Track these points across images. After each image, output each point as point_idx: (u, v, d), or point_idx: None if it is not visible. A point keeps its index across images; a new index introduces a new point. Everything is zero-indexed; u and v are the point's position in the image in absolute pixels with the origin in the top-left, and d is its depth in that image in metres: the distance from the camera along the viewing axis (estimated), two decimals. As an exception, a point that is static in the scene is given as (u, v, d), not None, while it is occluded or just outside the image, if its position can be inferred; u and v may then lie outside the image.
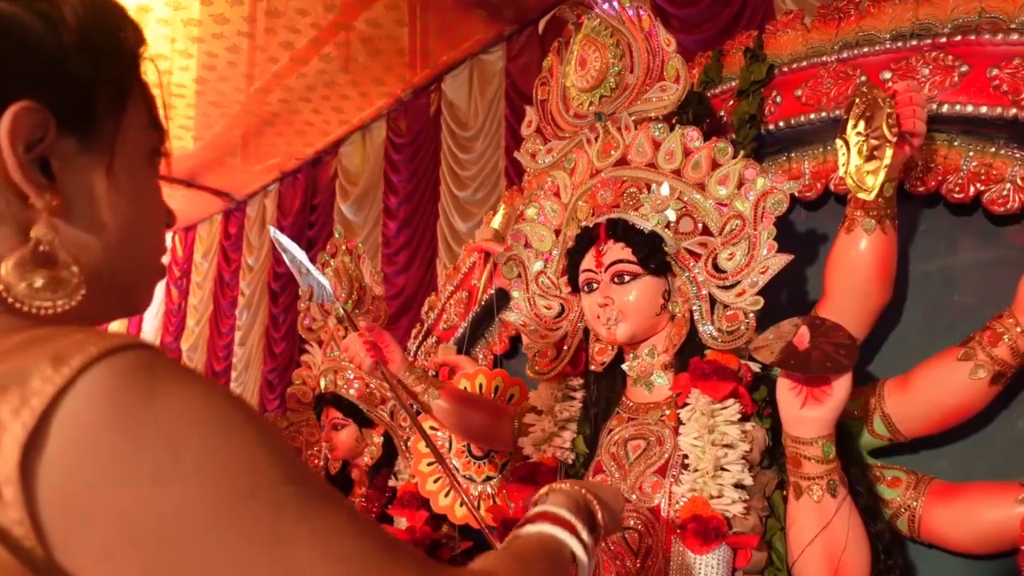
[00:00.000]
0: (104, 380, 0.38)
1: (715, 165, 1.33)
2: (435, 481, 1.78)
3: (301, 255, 1.75)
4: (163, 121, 0.59)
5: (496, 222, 2.03)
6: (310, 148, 5.61)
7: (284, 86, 4.61)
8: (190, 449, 0.39)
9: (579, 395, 1.47)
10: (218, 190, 6.53)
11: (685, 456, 1.20)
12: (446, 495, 1.77)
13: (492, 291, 2.02)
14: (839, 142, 1.23)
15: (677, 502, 1.17)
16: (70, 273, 0.47)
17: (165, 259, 0.64)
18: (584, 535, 0.69)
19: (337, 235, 2.21)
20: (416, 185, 4.46)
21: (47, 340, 0.39)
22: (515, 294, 1.59)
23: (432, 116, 4.45)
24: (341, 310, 1.68)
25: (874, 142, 1.14)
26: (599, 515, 0.73)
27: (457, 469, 1.77)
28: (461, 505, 1.73)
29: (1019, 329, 1.06)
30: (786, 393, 1.08)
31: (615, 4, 1.46)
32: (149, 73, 0.58)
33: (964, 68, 1.24)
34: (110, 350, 0.38)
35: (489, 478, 1.74)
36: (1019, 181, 1.19)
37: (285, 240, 1.75)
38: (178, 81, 4.59)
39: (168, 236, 0.61)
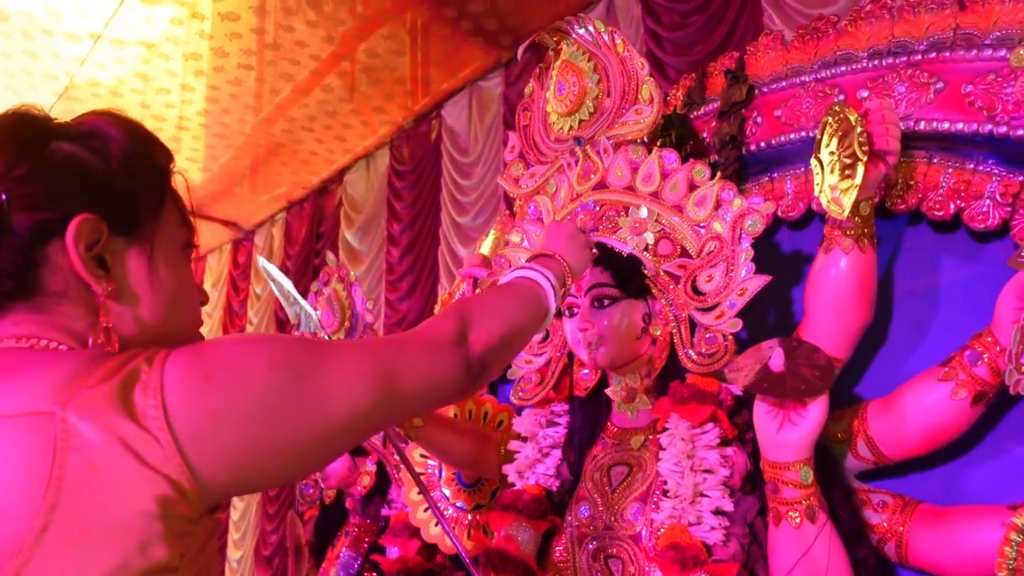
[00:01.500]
0: (176, 360, 0.61)
1: (693, 187, 1.33)
2: (425, 510, 1.76)
3: (288, 284, 1.76)
4: (192, 220, 0.78)
5: (485, 247, 2.03)
6: (315, 177, 5.66)
7: (287, 117, 4.66)
8: (233, 360, 0.63)
9: (564, 421, 1.45)
10: (226, 220, 6.59)
11: (665, 482, 1.18)
12: (436, 524, 1.74)
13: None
14: (813, 161, 1.22)
15: (657, 529, 1.15)
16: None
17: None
18: (549, 273, 1.02)
19: (330, 262, 2.21)
20: (418, 212, 4.48)
21: (136, 354, 0.61)
22: (500, 320, 1.58)
23: (433, 143, 4.48)
24: (326, 338, 1.68)
25: (846, 161, 1.13)
26: (566, 266, 1.08)
27: (447, 497, 1.75)
28: (451, 534, 1.71)
29: (998, 348, 1.04)
30: (763, 417, 1.06)
31: (591, 28, 1.46)
32: (178, 182, 0.76)
33: (939, 85, 1.23)
34: (169, 349, 0.62)
35: (480, 506, 1.72)
36: (998, 197, 1.18)
37: (273, 269, 1.76)
38: (183, 115, 4.65)
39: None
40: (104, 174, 0.68)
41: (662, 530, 1.13)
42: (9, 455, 0.55)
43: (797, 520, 1.02)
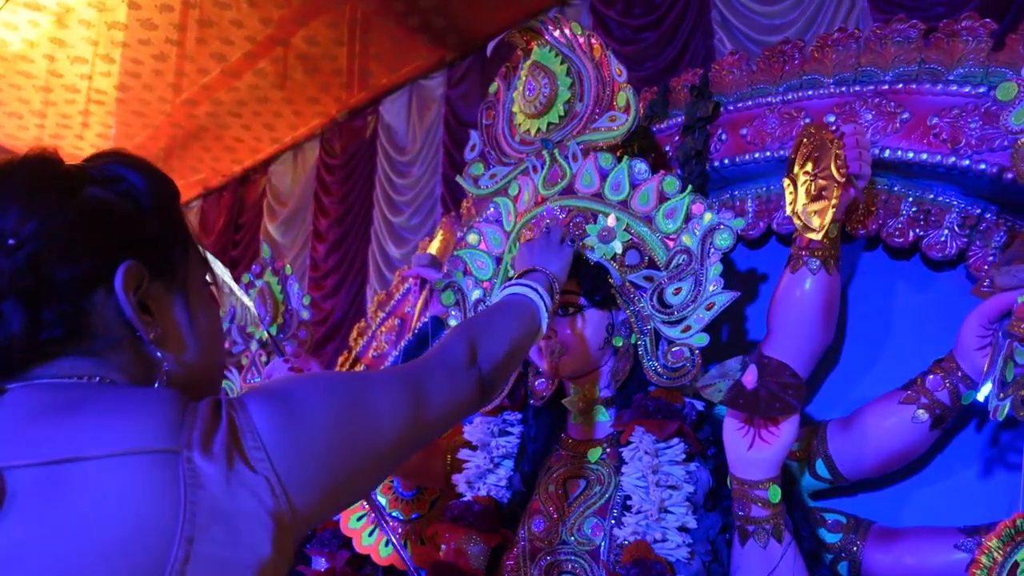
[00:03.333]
0: (256, 403, 0.65)
1: (663, 198, 1.31)
2: (358, 519, 1.67)
3: (226, 274, 1.64)
4: (208, 257, 0.79)
5: (433, 248, 1.97)
6: (238, 165, 5.42)
7: (214, 99, 4.44)
8: (302, 396, 0.67)
9: (517, 430, 1.41)
10: (136, 204, 6.21)
11: (627, 497, 1.15)
12: (370, 534, 1.66)
13: (426, 319, 1.95)
14: (786, 181, 1.23)
15: (619, 545, 1.12)
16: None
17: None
18: (538, 286, 1.08)
19: (265, 254, 2.09)
20: (348, 208, 4.35)
21: (217, 401, 0.64)
22: (453, 323, 1.52)
23: (368, 139, 4.37)
24: (266, 334, 1.58)
25: (822, 182, 1.14)
26: (551, 276, 1.14)
27: (383, 507, 1.67)
28: (387, 545, 1.63)
29: (960, 373, 1.06)
30: (733, 434, 1.05)
31: (567, 31, 1.43)
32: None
33: (905, 115, 1.26)
34: (244, 392, 0.67)
35: (419, 516, 1.65)
36: (956, 228, 1.22)
37: (209, 257, 1.64)
38: (98, 87, 4.35)
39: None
40: (138, 220, 0.69)
41: (625, 545, 1.10)
42: (145, 488, 0.57)
43: (764, 539, 1.01)
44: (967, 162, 1.18)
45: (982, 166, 1.17)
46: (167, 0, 3.51)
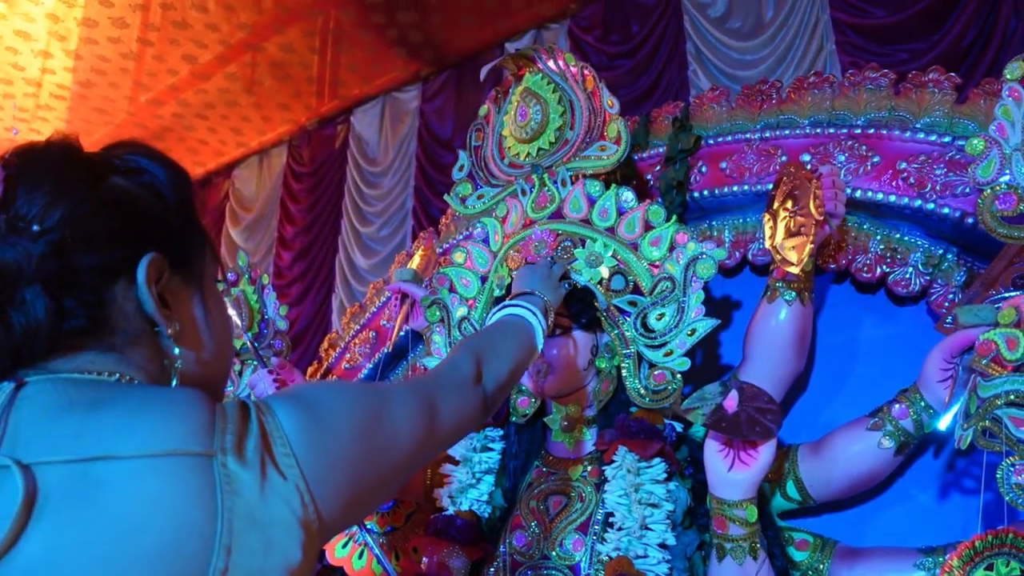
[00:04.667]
0: (285, 409, 0.64)
1: (648, 227, 1.37)
2: (333, 530, 1.68)
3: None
4: (220, 253, 0.79)
5: (413, 264, 1.98)
6: (200, 167, 5.34)
7: (181, 100, 4.38)
8: (329, 404, 0.67)
9: (498, 446, 1.44)
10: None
11: (609, 514, 1.19)
12: (344, 546, 1.67)
13: (402, 333, 1.96)
14: (766, 216, 1.30)
15: (600, 560, 1.16)
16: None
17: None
18: (535, 309, 1.10)
19: (241, 262, 2.08)
20: (316, 216, 4.33)
21: (243, 404, 0.64)
22: (436, 339, 1.55)
23: (338, 148, 4.36)
24: (248, 344, 1.58)
25: (801, 219, 1.21)
26: (545, 300, 1.17)
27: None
28: (360, 557, 1.64)
29: (923, 403, 1.14)
30: (714, 456, 1.10)
31: (560, 62, 1.49)
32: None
33: (876, 159, 1.35)
34: (269, 397, 0.67)
35: (393, 529, 1.66)
36: (920, 267, 1.30)
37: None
38: (59, 82, 4.26)
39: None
40: (160, 212, 0.69)
41: (606, 560, 1.14)
42: (182, 492, 0.56)
43: (741, 557, 1.07)
44: (932, 206, 1.27)
45: (946, 210, 1.26)
46: (143, 0, 3.48)
